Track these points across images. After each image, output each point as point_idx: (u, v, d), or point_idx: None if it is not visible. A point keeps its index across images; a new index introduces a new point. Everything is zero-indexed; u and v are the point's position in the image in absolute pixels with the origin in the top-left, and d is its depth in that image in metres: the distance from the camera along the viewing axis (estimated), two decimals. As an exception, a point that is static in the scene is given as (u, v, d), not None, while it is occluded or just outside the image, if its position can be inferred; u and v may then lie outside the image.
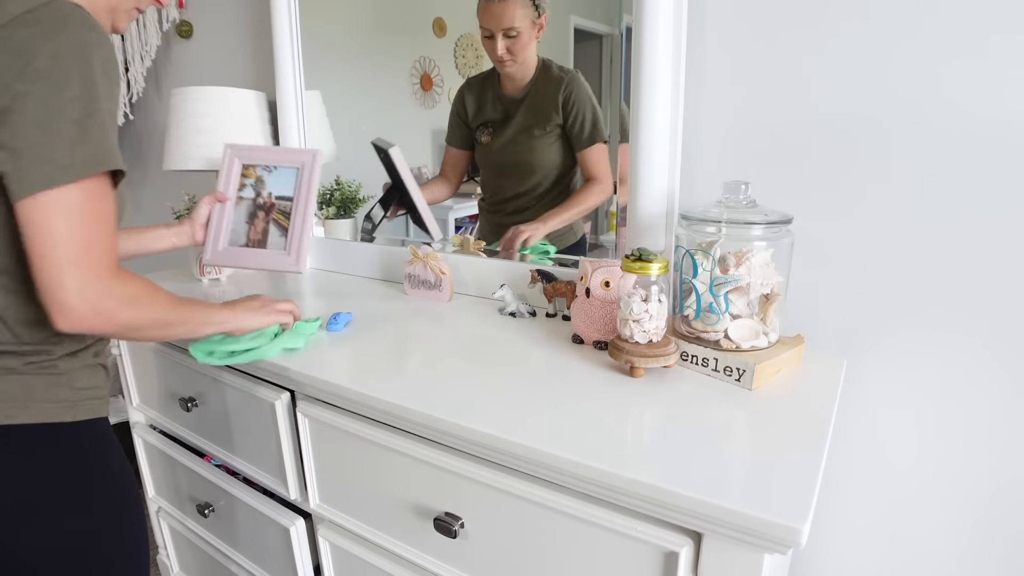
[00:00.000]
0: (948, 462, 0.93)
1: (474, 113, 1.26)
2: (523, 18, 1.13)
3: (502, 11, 1.13)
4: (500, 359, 0.91)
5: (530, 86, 1.17)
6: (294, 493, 1.00)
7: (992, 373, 0.87)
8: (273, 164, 1.23)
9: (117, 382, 1.90)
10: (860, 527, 1.02)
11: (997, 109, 0.80)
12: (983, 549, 0.93)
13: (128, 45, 1.75)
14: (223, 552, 1.21)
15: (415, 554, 0.85)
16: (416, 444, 0.79)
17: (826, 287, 0.96)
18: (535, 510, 0.70)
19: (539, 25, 1.13)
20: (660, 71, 0.95)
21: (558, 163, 1.19)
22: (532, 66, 1.16)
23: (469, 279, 1.27)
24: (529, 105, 1.18)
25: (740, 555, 0.58)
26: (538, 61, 1.16)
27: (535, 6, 1.12)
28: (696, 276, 0.85)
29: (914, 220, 0.88)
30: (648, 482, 0.59)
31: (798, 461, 0.63)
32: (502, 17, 1.13)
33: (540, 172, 1.21)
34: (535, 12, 1.12)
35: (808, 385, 0.82)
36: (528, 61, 1.16)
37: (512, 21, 1.13)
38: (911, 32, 0.83)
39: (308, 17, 1.41)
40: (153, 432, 1.33)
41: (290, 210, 1.21)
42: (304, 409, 0.92)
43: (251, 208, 1.22)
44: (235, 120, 1.45)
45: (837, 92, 0.90)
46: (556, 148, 1.18)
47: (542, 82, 1.16)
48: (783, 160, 0.96)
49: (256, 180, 1.23)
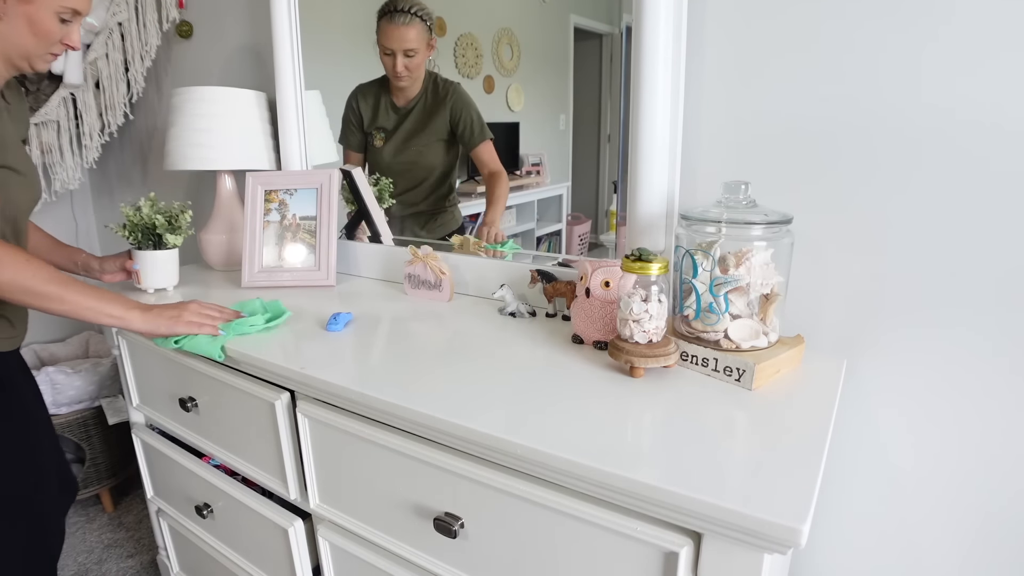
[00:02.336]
0: (948, 462, 0.93)
1: (369, 119, 1.41)
2: (420, 40, 1.27)
3: (404, 34, 1.27)
4: (500, 359, 0.91)
5: (419, 97, 1.33)
6: (294, 493, 1.00)
7: (992, 372, 0.87)
8: (293, 187, 1.37)
9: (117, 382, 1.90)
10: (860, 527, 1.02)
11: (998, 110, 0.80)
12: (983, 549, 0.93)
13: (128, 45, 1.74)
14: (223, 552, 1.21)
15: (415, 554, 0.85)
16: (416, 444, 0.79)
17: (826, 287, 0.96)
18: (535, 510, 0.70)
19: (432, 46, 1.28)
20: (660, 71, 0.95)
21: (441, 163, 1.36)
22: (422, 80, 1.32)
23: (469, 279, 1.27)
24: (418, 114, 1.34)
25: (740, 555, 0.58)
26: (426, 75, 1.31)
27: (429, 29, 1.27)
28: (696, 276, 0.85)
29: (914, 220, 0.88)
30: (648, 482, 0.59)
31: (798, 461, 0.62)
32: (403, 39, 1.28)
33: (426, 171, 1.38)
34: (429, 35, 1.27)
35: (808, 385, 0.82)
36: (420, 76, 1.32)
37: (411, 43, 1.28)
38: (911, 33, 0.83)
39: (308, 17, 1.41)
40: (153, 432, 1.33)
41: (315, 229, 1.35)
42: (304, 409, 0.92)
43: (279, 230, 1.37)
44: (236, 120, 1.45)
45: (837, 92, 0.90)
46: (440, 150, 1.35)
47: (430, 94, 1.32)
48: (783, 160, 0.96)
49: (280, 203, 1.37)
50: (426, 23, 1.26)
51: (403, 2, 1.26)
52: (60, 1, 1.02)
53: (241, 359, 0.97)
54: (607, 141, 1.13)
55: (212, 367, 1.06)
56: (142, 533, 1.89)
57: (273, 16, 1.40)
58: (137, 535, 1.88)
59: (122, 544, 1.85)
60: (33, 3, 1.00)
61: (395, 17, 1.27)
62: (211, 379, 1.07)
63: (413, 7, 1.25)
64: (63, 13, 1.03)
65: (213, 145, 1.43)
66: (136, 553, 1.80)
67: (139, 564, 1.76)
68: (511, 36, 1.21)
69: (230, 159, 1.45)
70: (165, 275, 1.30)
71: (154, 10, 1.71)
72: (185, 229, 1.31)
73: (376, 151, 1.42)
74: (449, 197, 1.38)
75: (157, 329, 1.01)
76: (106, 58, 1.74)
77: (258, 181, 1.37)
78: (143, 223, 1.26)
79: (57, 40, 1.06)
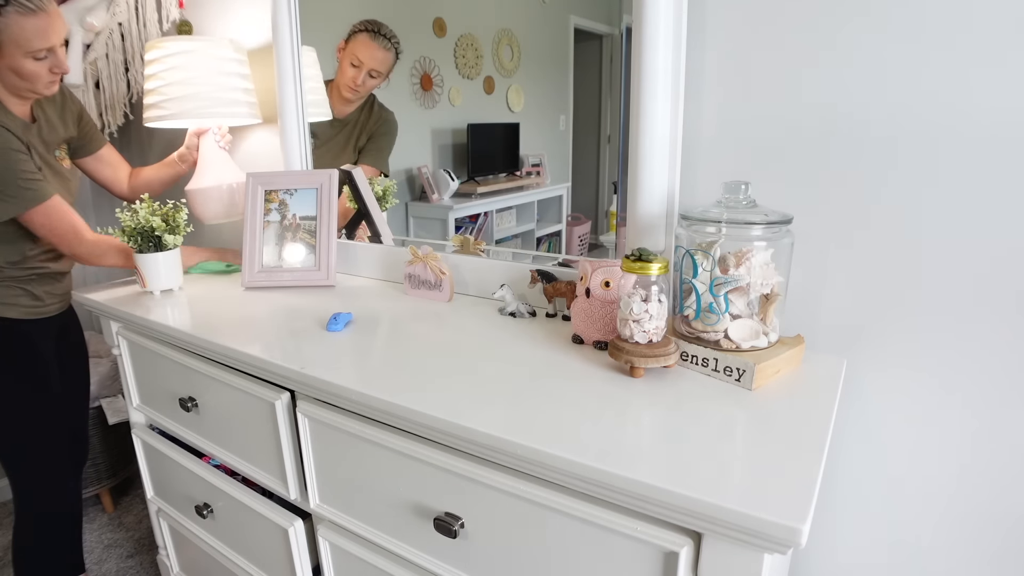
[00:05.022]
0: (948, 462, 0.93)
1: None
2: (388, 66, 1.36)
3: (379, 55, 1.36)
4: (500, 359, 0.91)
5: (354, 114, 1.45)
6: (294, 493, 1.00)
7: (992, 373, 0.87)
8: (293, 187, 1.38)
9: (117, 382, 1.90)
10: (860, 527, 1.02)
11: (999, 111, 0.80)
12: (983, 548, 0.93)
13: (128, 45, 1.75)
14: (223, 552, 1.21)
15: (415, 554, 0.85)
16: (416, 444, 0.80)
17: (826, 287, 0.96)
18: (535, 510, 0.71)
19: (388, 76, 1.38)
20: (660, 71, 0.95)
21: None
22: (364, 98, 1.43)
23: (469, 279, 1.27)
24: (351, 128, 1.46)
25: (740, 555, 0.58)
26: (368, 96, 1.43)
27: (395, 61, 1.36)
28: (696, 276, 0.85)
29: (915, 221, 0.88)
30: (648, 482, 0.59)
31: (798, 461, 0.63)
32: (377, 59, 1.36)
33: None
34: (392, 66, 1.36)
35: (808, 385, 0.82)
36: (366, 95, 1.43)
37: (380, 65, 1.36)
38: (912, 34, 0.83)
39: (308, 17, 1.41)
40: (153, 432, 1.33)
41: (315, 229, 1.35)
42: (304, 409, 0.92)
43: (279, 230, 1.37)
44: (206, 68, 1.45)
45: (837, 93, 0.90)
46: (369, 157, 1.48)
47: (365, 111, 1.43)
48: (783, 160, 0.96)
49: (280, 204, 1.38)
50: (397, 56, 1.34)
51: (387, 29, 1.34)
52: (25, 48, 1.13)
53: (241, 359, 0.97)
54: (607, 141, 1.13)
55: (212, 367, 1.06)
56: (142, 533, 1.89)
57: (273, 16, 1.40)
58: (137, 535, 1.88)
59: (122, 544, 1.85)
60: (4, 57, 1.13)
61: (378, 38, 1.35)
62: (211, 379, 1.07)
63: (393, 37, 1.34)
64: (36, 55, 1.15)
65: (182, 96, 1.43)
66: (136, 553, 1.80)
67: (139, 564, 1.76)
68: (511, 37, 1.21)
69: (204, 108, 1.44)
70: (169, 276, 1.31)
71: (154, 10, 1.71)
72: (183, 227, 1.31)
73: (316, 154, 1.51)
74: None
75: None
76: (106, 58, 1.74)
77: (258, 181, 1.38)
78: (141, 227, 1.27)
79: (45, 73, 1.19)
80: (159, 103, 1.45)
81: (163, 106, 1.44)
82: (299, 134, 1.46)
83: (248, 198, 1.37)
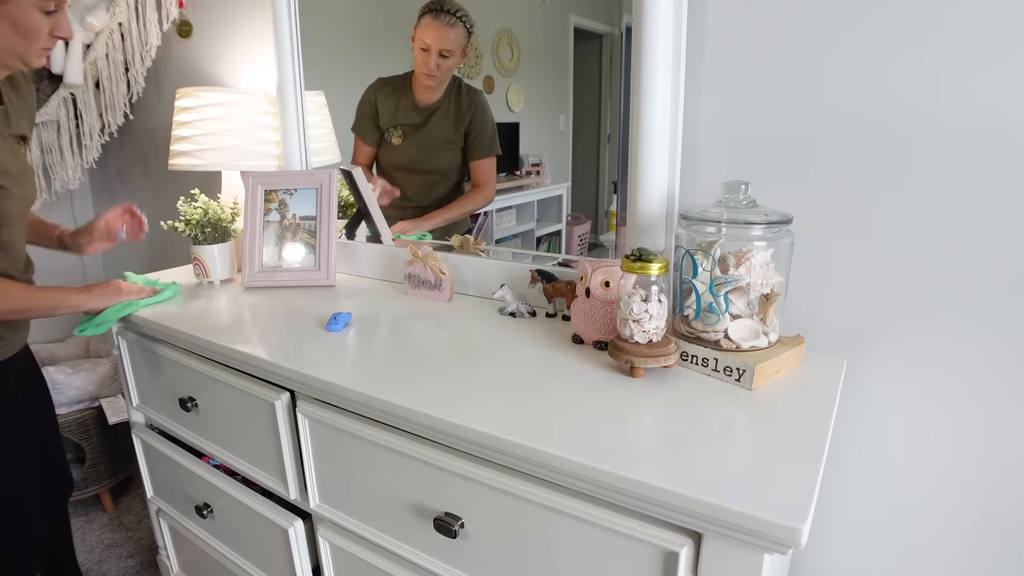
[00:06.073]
0: (948, 462, 0.93)
1: (388, 116, 1.38)
2: (458, 43, 1.25)
3: (445, 34, 1.25)
4: (500, 359, 0.91)
5: (442, 100, 1.32)
6: (294, 493, 1.00)
7: (993, 372, 0.87)
8: (293, 187, 1.37)
9: (117, 382, 1.90)
10: (860, 527, 1.02)
11: (1000, 112, 0.80)
12: (984, 548, 0.93)
13: (128, 45, 1.75)
14: (223, 552, 1.21)
15: (415, 554, 0.85)
16: (416, 444, 0.79)
17: (826, 287, 0.96)
18: (535, 510, 0.70)
19: (466, 53, 1.26)
20: (660, 71, 0.95)
21: (456, 168, 1.35)
22: (447, 83, 1.30)
23: (469, 279, 1.27)
24: (441, 117, 1.33)
25: (740, 555, 0.58)
26: (451, 79, 1.30)
27: (468, 35, 1.25)
28: (696, 276, 0.85)
29: (915, 221, 0.88)
30: (648, 482, 0.59)
31: (798, 461, 0.63)
32: (444, 38, 1.26)
33: (439, 174, 1.38)
34: (467, 41, 1.25)
35: (808, 385, 0.82)
36: (447, 79, 1.30)
37: (450, 44, 1.26)
38: (912, 35, 0.83)
39: (308, 17, 1.41)
40: (153, 432, 1.33)
41: (315, 229, 1.35)
42: (304, 409, 0.92)
43: (278, 230, 1.37)
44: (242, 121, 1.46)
45: (837, 92, 0.90)
46: (457, 155, 1.34)
47: (453, 97, 1.31)
48: (783, 160, 0.96)
49: (280, 204, 1.37)
50: (467, 29, 1.25)
51: (450, 4, 1.25)
52: None
53: (241, 359, 0.97)
54: (607, 141, 1.13)
55: (212, 367, 1.06)
56: (142, 533, 1.89)
57: (273, 16, 1.40)
58: (137, 535, 1.88)
59: (122, 544, 1.84)
60: (10, 2, 0.97)
61: (440, 16, 1.26)
62: (211, 379, 1.07)
63: (459, 11, 1.25)
64: (46, 6, 1.00)
65: (223, 148, 1.44)
66: (136, 553, 1.80)
67: (139, 564, 1.76)
68: (511, 36, 1.21)
69: (236, 161, 1.45)
70: (226, 265, 1.38)
71: (154, 10, 1.71)
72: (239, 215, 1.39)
73: (393, 148, 1.40)
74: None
75: (104, 303, 1.17)
76: (106, 58, 1.74)
77: (258, 181, 1.37)
78: (206, 219, 1.31)
79: (45, 34, 1.02)
80: (192, 152, 1.46)
81: (197, 155, 1.46)
82: (299, 135, 1.46)
83: (248, 198, 1.36)
